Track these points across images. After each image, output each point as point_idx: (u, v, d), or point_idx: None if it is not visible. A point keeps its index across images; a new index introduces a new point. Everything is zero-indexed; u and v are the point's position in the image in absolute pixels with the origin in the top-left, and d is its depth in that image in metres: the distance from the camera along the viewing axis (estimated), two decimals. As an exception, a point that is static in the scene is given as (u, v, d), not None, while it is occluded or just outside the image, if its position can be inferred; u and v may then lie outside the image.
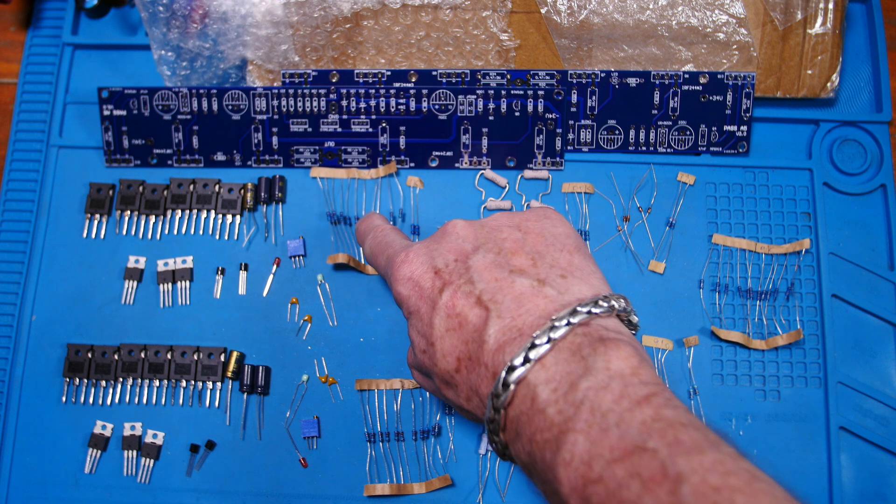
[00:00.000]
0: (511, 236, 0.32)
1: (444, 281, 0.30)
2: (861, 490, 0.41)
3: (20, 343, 0.44)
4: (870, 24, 0.48)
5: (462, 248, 0.31)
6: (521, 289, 0.29)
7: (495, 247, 0.31)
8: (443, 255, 0.31)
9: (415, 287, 0.31)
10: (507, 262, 0.30)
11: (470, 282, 0.30)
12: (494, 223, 0.32)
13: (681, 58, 0.45)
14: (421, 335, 0.31)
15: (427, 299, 0.30)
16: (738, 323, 0.44)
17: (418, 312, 0.31)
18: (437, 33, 0.45)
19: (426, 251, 0.32)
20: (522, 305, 0.28)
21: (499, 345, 0.27)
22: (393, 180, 0.46)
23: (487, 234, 0.32)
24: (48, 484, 0.42)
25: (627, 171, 0.46)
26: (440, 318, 0.30)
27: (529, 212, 0.33)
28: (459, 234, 0.32)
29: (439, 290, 0.30)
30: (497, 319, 0.28)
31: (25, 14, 0.50)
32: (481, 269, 0.30)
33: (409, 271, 0.32)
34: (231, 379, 0.43)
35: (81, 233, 0.46)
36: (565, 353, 0.26)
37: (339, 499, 0.41)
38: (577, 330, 0.27)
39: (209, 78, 0.46)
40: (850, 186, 0.46)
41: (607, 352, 0.25)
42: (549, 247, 0.31)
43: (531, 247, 0.31)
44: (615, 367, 0.25)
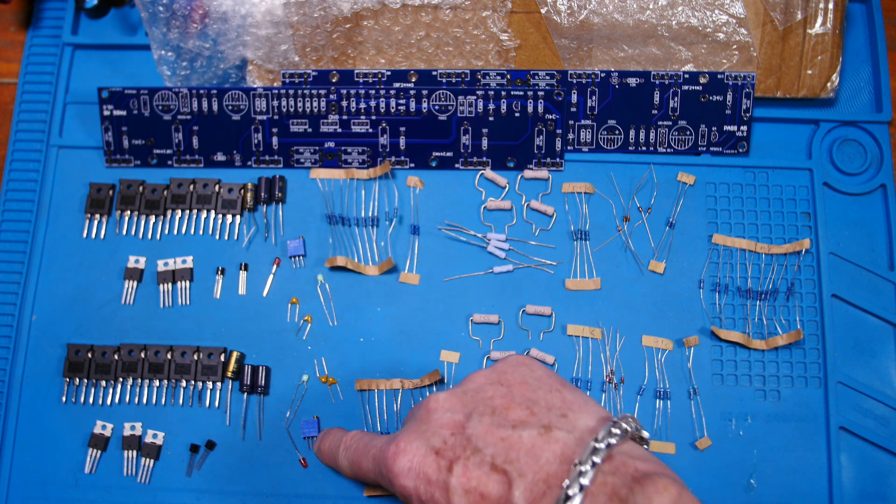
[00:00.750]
0: (497, 392, 0.31)
1: (450, 459, 0.29)
2: (861, 490, 0.41)
3: (20, 343, 0.44)
4: (870, 24, 0.48)
5: (454, 420, 0.30)
6: (530, 441, 0.28)
7: (487, 408, 0.30)
8: (437, 433, 0.30)
9: (419, 476, 0.29)
10: (505, 418, 0.29)
11: (477, 451, 0.28)
12: (474, 385, 0.31)
13: (681, 58, 0.45)
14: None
15: (438, 484, 0.29)
16: (738, 323, 0.44)
17: (432, 500, 0.29)
18: (437, 33, 0.45)
19: (417, 435, 0.30)
20: (539, 457, 0.27)
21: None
22: (394, 181, 0.46)
23: (472, 397, 0.31)
24: (48, 484, 0.42)
25: (627, 171, 0.46)
26: (458, 496, 0.28)
27: (502, 363, 0.32)
28: (445, 407, 0.31)
29: (447, 469, 0.29)
30: (520, 479, 0.27)
31: (25, 14, 0.50)
32: (482, 433, 0.29)
33: (407, 462, 0.30)
34: (231, 379, 0.43)
35: (81, 233, 0.46)
36: (602, 499, 0.25)
37: (339, 499, 0.41)
38: (605, 468, 0.26)
39: (209, 78, 0.46)
40: (850, 186, 0.46)
41: (645, 489, 0.25)
42: (537, 391, 0.31)
43: (521, 396, 0.30)
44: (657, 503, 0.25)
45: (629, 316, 0.44)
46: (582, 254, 0.45)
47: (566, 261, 0.45)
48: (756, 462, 0.42)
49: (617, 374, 0.43)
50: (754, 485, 0.41)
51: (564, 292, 0.44)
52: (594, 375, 0.43)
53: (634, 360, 0.43)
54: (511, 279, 0.44)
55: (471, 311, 0.44)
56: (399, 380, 0.42)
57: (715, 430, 0.42)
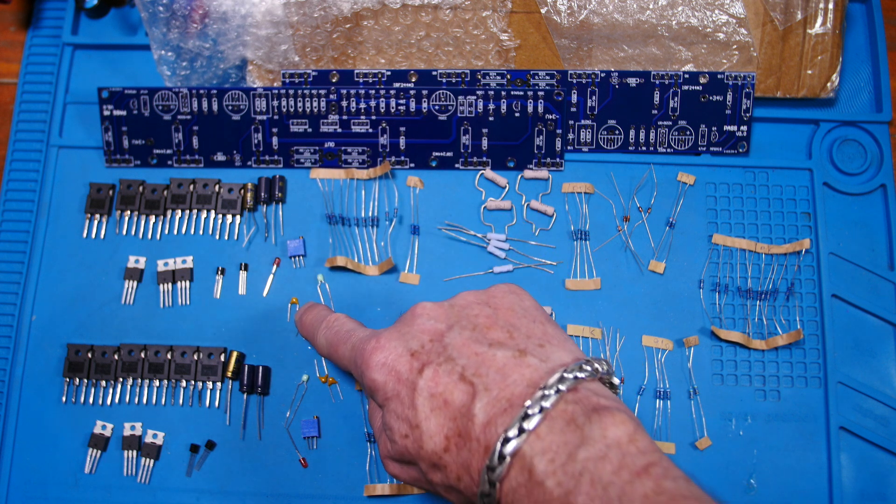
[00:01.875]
0: (483, 312, 0.32)
1: (423, 362, 0.30)
2: (861, 490, 0.41)
3: (20, 343, 0.44)
4: (870, 24, 0.48)
5: (435, 328, 0.31)
6: (503, 360, 0.29)
7: (469, 323, 0.31)
8: (416, 337, 0.31)
9: (391, 372, 0.30)
10: (484, 336, 0.30)
11: (450, 359, 0.30)
12: (463, 301, 0.33)
13: (681, 58, 0.45)
14: (402, 419, 0.30)
15: (406, 382, 0.30)
16: (738, 323, 0.44)
17: (398, 397, 0.30)
18: (437, 33, 0.45)
19: (398, 335, 0.32)
20: (508, 377, 0.28)
21: (489, 418, 0.27)
22: (394, 181, 0.46)
23: (458, 312, 0.32)
24: (48, 484, 0.42)
25: (627, 171, 0.46)
26: (423, 398, 0.29)
27: (494, 288, 0.33)
28: (430, 315, 0.32)
29: (419, 371, 0.30)
30: (484, 392, 0.28)
31: (25, 14, 0.50)
32: (459, 345, 0.30)
33: (382, 357, 0.31)
34: (231, 379, 0.43)
35: (81, 233, 0.46)
36: (560, 423, 0.26)
37: (339, 499, 0.41)
38: (568, 397, 0.27)
39: (209, 78, 0.46)
40: (850, 186, 0.46)
41: (602, 419, 0.26)
42: (522, 318, 0.31)
43: (504, 320, 0.31)
44: (612, 435, 0.25)
45: (629, 316, 0.44)
46: (582, 254, 0.45)
47: (566, 261, 0.45)
48: (756, 462, 0.42)
49: (617, 374, 0.43)
50: (754, 485, 0.41)
51: (564, 292, 0.44)
52: (594, 375, 0.43)
53: (634, 360, 0.43)
54: (511, 279, 0.44)
55: (471, 311, 0.44)
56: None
57: (715, 430, 0.42)
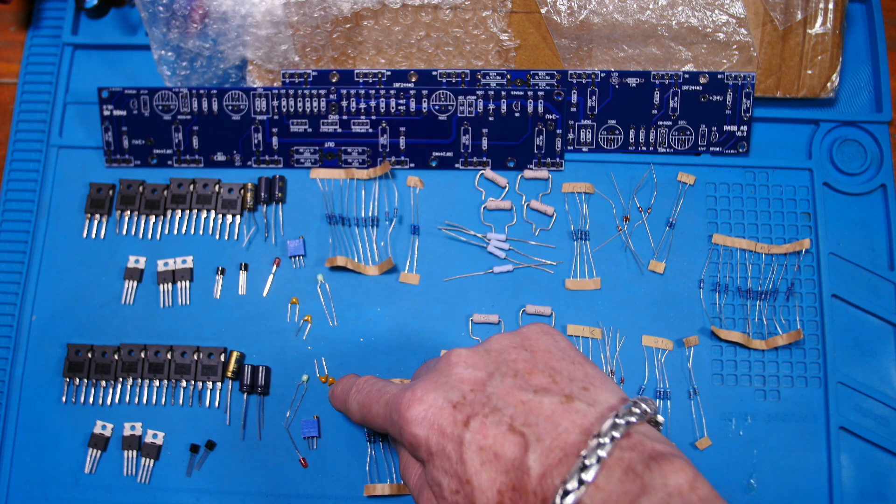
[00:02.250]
0: (521, 356, 0.31)
1: (468, 414, 0.29)
2: (861, 490, 0.41)
3: (20, 343, 0.44)
4: (870, 24, 0.48)
5: (476, 377, 0.30)
6: (550, 408, 0.28)
7: (510, 370, 0.30)
8: (456, 388, 0.30)
9: (433, 426, 0.29)
10: (527, 382, 0.29)
11: (496, 410, 0.28)
12: (498, 346, 0.31)
13: (681, 58, 0.45)
14: (451, 475, 0.28)
15: (451, 437, 0.28)
16: (738, 323, 0.44)
17: (444, 452, 0.29)
18: (437, 33, 0.45)
19: (434, 386, 0.30)
20: (558, 424, 0.27)
21: (544, 469, 0.26)
22: (394, 181, 0.46)
23: (496, 358, 0.31)
24: (48, 484, 0.42)
25: (627, 171, 0.46)
26: (472, 452, 0.28)
27: (527, 329, 0.32)
28: (467, 363, 0.31)
29: (464, 423, 0.28)
30: (537, 443, 0.27)
31: (25, 14, 0.50)
32: (503, 394, 0.29)
33: (422, 411, 0.29)
34: (231, 379, 0.43)
35: (81, 233, 0.46)
36: (618, 472, 0.25)
37: (339, 499, 0.41)
38: (623, 444, 0.26)
39: (209, 78, 0.46)
40: (850, 186, 0.46)
41: (661, 467, 0.25)
42: (561, 361, 0.30)
43: (544, 363, 0.30)
44: (672, 483, 0.25)
45: (629, 316, 0.44)
46: (582, 254, 0.45)
47: (566, 261, 0.45)
48: (756, 462, 0.42)
49: (617, 374, 0.43)
50: (754, 485, 0.41)
51: (564, 292, 0.44)
52: (594, 375, 0.43)
53: (634, 360, 0.43)
54: (511, 279, 0.44)
55: (471, 311, 0.44)
56: (399, 380, 0.42)
57: (715, 430, 0.42)
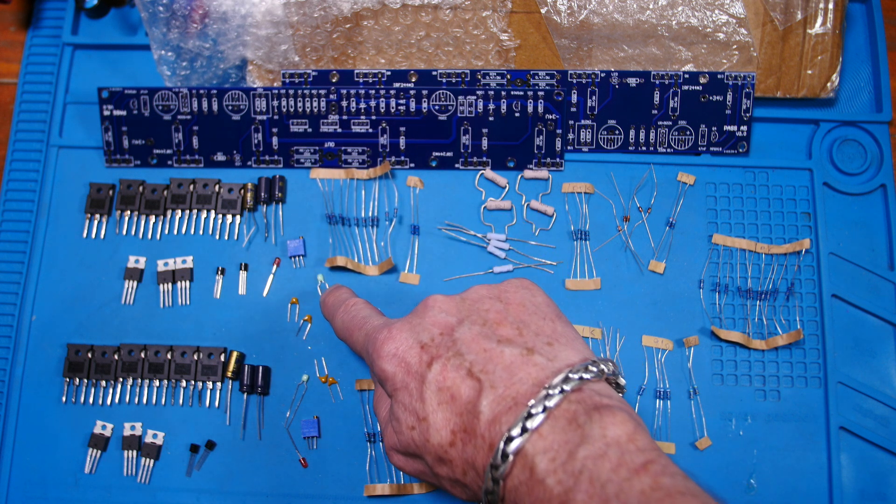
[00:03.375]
0: (493, 307, 0.32)
1: (432, 355, 0.30)
2: (861, 490, 0.41)
3: (20, 343, 0.44)
4: (870, 24, 0.48)
5: (446, 322, 0.31)
6: (510, 358, 0.29)
7: (479, 318, 0.31)
8: (427, 330, 0.31)
9: (401, 363, 0.31)
10: (494, 332, 0.31)
11: (459, 354, 0.30)
12: (475, 295, 0.33)
13: (681, 58, 0.45)
14: (410, 411, 0.30)
15: (415, 374, 0.30)
16: (738, 323, 0.44)
17: (406, 388, 0.31)
18: (437, 33, 0.45)
19: (409, 327, 0.32)
20: (514, 374, 0.28)
21: (494, 415, 0.28)
22: (394, 181, 0.46)
23: (469, 306, 0.32)
24: (48, 484, 0.42)
25: (627, 171, 0.46)
26: (431, 391, 0.30)
27: (506, 283, 0.33)
28: (441, 308, 0.32)
29: (427, 364, 0.30)
30: (490, 390, 0.28)
31: (25, 14, 0.50)
32: (469, 340, 0.30)
33: (393, 348, 0.31)
34: (231, 379, 0.43)
35: (81, 233, 0.46)
36: (562, 422, 0.26)
37: (339, 499, 0.41)
38: (571, 397, 0.27)
39: (209, 78, 0.46)
40: (850, 186, 0.46)
41: (602, 419, 0.26)
42: (532, 315, 0.32)
43: (515, 316, 0.31)
44: (611, 433, 0.26)
45: (629, 316, 0.44)
46: (582, 254, 0.45)
47: (566, 261, 0.45)
48: (756, 462, 0.42)
49: (617, 374, 0.43)
50: (754, 485, 0.41)
51: (564, 292, 0.44)
52: (594, 375, 0.43)
53: (634, 360, 0.43)
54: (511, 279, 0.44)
55: (471, 311, 0.44)
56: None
57: (715, 430, 0.42)
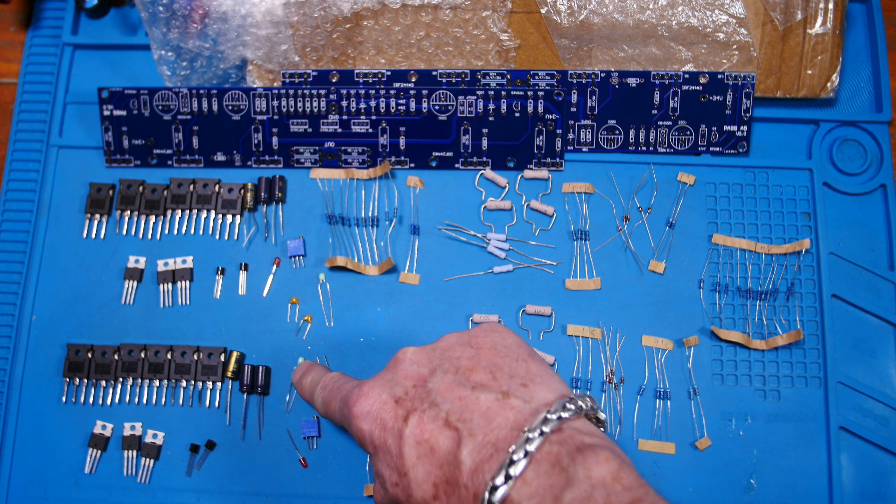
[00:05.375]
0: (465, 353, 0.31)
1: (408, 409, 0.30)
2: (861, 490, 0.41)
3: (20, 343, 0.44)
4: (870, 24, 0.48)
5: (418, 373, 0.31)
6: (486, 404, 0.29)
7: (451, 366, 0.31)
8: (400, 384, 0.31)
9: (376, 421, 0.30)
10: (467, 379, 0.30)
11: (434, 405, 0.29)
12: (444, 344, 0.32)
13: (681, 58, 0.45)
14: (391, 468, 0.30)
15: (392, 431, 0.30)
16: (738, 323, 0.44)
17: (384, 445, 0.30)
18: (437, 33, 0.45)
19: (381, 383, 0.31)
20: (492, 420, 0.28)
21: (476, 464, 0.27)
22: (394, 180, 0.46)
23: (440, 355, 0.32)
24: (48, 484, 0.42)
25: (627, 171, 0.46)
26: (409, 446, 0.29)
27: (476, 329, 0.33)
28: (412, 360, 0.32)
29: (403, 418, 0.30)
30: (469, 438, 0.28)
31: (25, 14, 0.50)
32: (443, 390, 0.30)
33: (367, 406, 0.31)
34: (231, 379, 0.43)
35: (81, 233, 0.46)
36: (545, 466, 0.26)
37: (339, 499, 0.41)
38: (552, 438, 0.27)
39: (209, 78, 0.46)
40: (850, 186, 0.46)
41: (586, 459, 0.26)
42: (504, 358, 0.31)
43: (487, 361, 0.31)
44: (596, 474, 0.25)
45: (629, 316, 0.44)
46: (582, 254, 0.45)
47: (566, 261, 0.45)
48: (756, 462, 0.42)
49: (617, 374, 0.43)
50: (754, 485, 0.41)
51: (564, 292, 0.44)
52: (594, 375, 0.43)
53: (634, 360, 0.43)
54: (511, 279, 0.44)
55: (471, 311, 0.44)
56: None
57: (715, 430, 0.42)
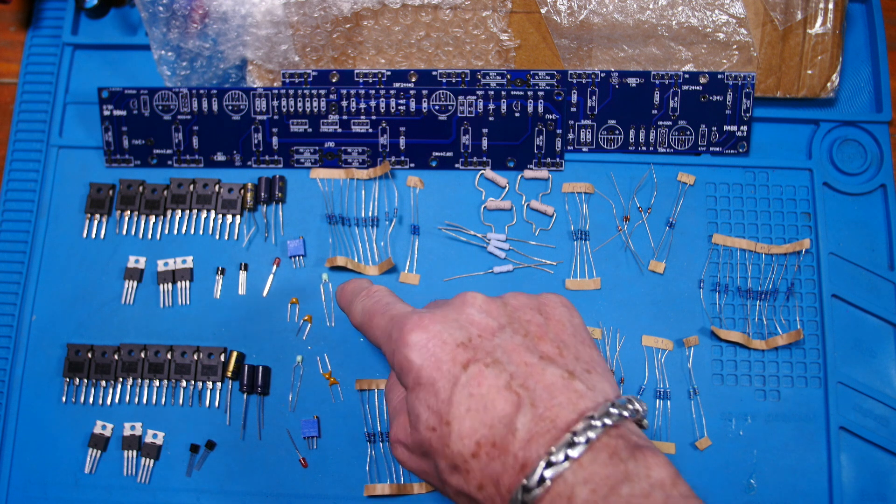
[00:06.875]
0: (535, 319, 0.30)
1: (468, 357, 0.28)
2: (861, 490, 0.41)
3: (20, 343, 0.44)
4: (870, 24, 0.48)
5: (486, 324, 0.29)
6: (551, 378, 0.27)
7: (521, 328, 0.29)
8: (465, 328, 0.29)
9: (430, 357, 0.28)
10: (535, 346, 0.29)
11: (497, 362, 0.28)
12: (516, 302, 0.31)
13: (681, 58, 0.45)
14: (432, 411, 0.28)
15: (446, 373, 0.28)
16: (738, 323, 0.44)
17: (432, 385, 0.28)
18: (437, 33, 0.45)
19: (443, 319, 0.29)
20: (555, 397, 0.27)
21: (531, 435, 0.26)
22: (394, 180, 0.46)
23: (511, 313, 0.30)
24: (48, 484, 0.42)
25: (627, 171, 0.46)
26: (461, 395, 0.27)
27: (545, 296, 0.32)
28: (482, 308, 0.30)
29: (463, 364, 0.27)
30: (530, 408, 0.26)
31: (25, 14, 0.50)
32: (510, 349, 0.28)
33: (423, 338, 0.28)
34: (231, 379, 0.43)
35: (81, 233, 0.46)
36: (603, 455, 0.25)
37: (339, 499, 0.41)
38: (612, 432, 0.26)
39: (209, 78, 0.46)
40: (850, 186, 0.46)
41: (646, 459, 0.25)
42: (571, 337, 0.30)
43: (555, 334, 0.30)
44: (655, 475, 0.25)
45: (629, 316, 0.44)
46: (582, 254, 0.45)
47: (566, 261, 0.45)
48: (756, 462, 0.42)
49: (617, 374, 0.43)
50: (754, 485, 0.41)
51: (564, 292, 0.44)
52: (594, 375, 0.43)
53: (634, 360, 0.43)
54: (511, 279, 0.44)
55: (471, 311, 0.44)
56: None
57: (715, 430, 0.42)
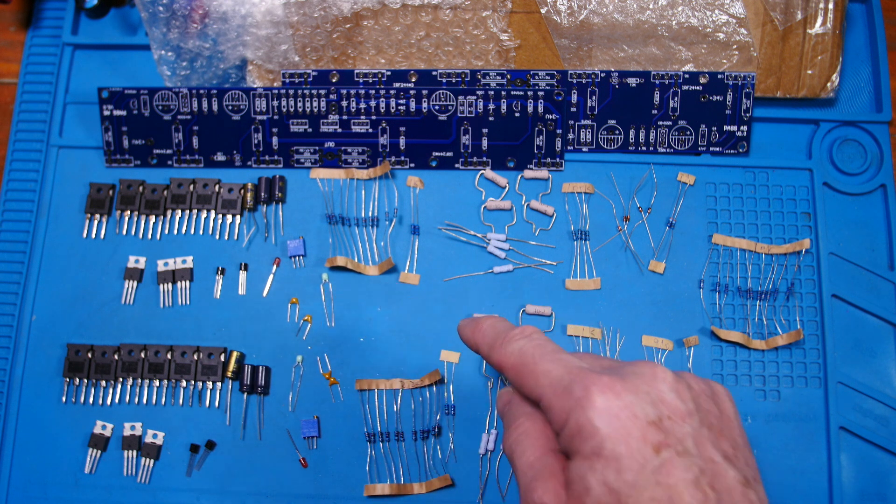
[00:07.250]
0: (712, 410, 0.27)
1: (660, 441, 0.25)
2: (861, 490, 0.41)
3: (20, 343, 0.44)
4: (870, 24, 0.48)
5: (677, 406, 0.26)
6: (733, 483, 0.25)
7: (706, 420, 0.27)
8: (657, 406, 0.26)
9: (619, 429, 0.25)
10: (717, 442, 0.26)
11: (688, 453, 0.25)
12: (696, 386, 0.28)
13: (681, 58, 0.45)
14: (609, 488, 0.25)
15: (634, 452, 0.25)
16: (738, 323, 0.44)
17: (616, 461, 0.25)
18: (437, 33, 0.45)
19: (635, 390, 0.26)
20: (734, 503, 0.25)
21: None
22: (394, 180, 0.46)
23: (695, 398, 0.27)
24: (48, 484, 0.42)
25: (627, 171, 0.46)
26: (648, 482, 0.24)
27: (715, 385, 0.29)
28: (672, 387, 0.27)
29: (654, 447, 0.25)
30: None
31: (25, 14, 0.50)
32: (699, 442, 0.26)
33: (616, 405, 0.26)
34: (231, 379, 0.43)
35: (81, 233, 0.46)
36: None
37: (339, 499, 0.41)
38: None
39: (209, 78, 0.46)
40: (850, 186, 0.46)
41: None
42: (741, 438, 0.28)
43: (729, 431, 0.27)
44: None
45: (629, 316, 0.44)
46: (582, 254, 0.45)
47: (566, 261, 0.45)
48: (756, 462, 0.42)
49: (617, 374, 0.43)
50: (754, 485, 0.41)
51: (564, 292, 0.44)
52: (594, 375, 0.43)
53: (634, 360, 0.43)
54: (511, 279, 0.44)
55: (471, 311, 0.44)
56: (399, 380, 0.42)
57: (715, 430, 0.42)
